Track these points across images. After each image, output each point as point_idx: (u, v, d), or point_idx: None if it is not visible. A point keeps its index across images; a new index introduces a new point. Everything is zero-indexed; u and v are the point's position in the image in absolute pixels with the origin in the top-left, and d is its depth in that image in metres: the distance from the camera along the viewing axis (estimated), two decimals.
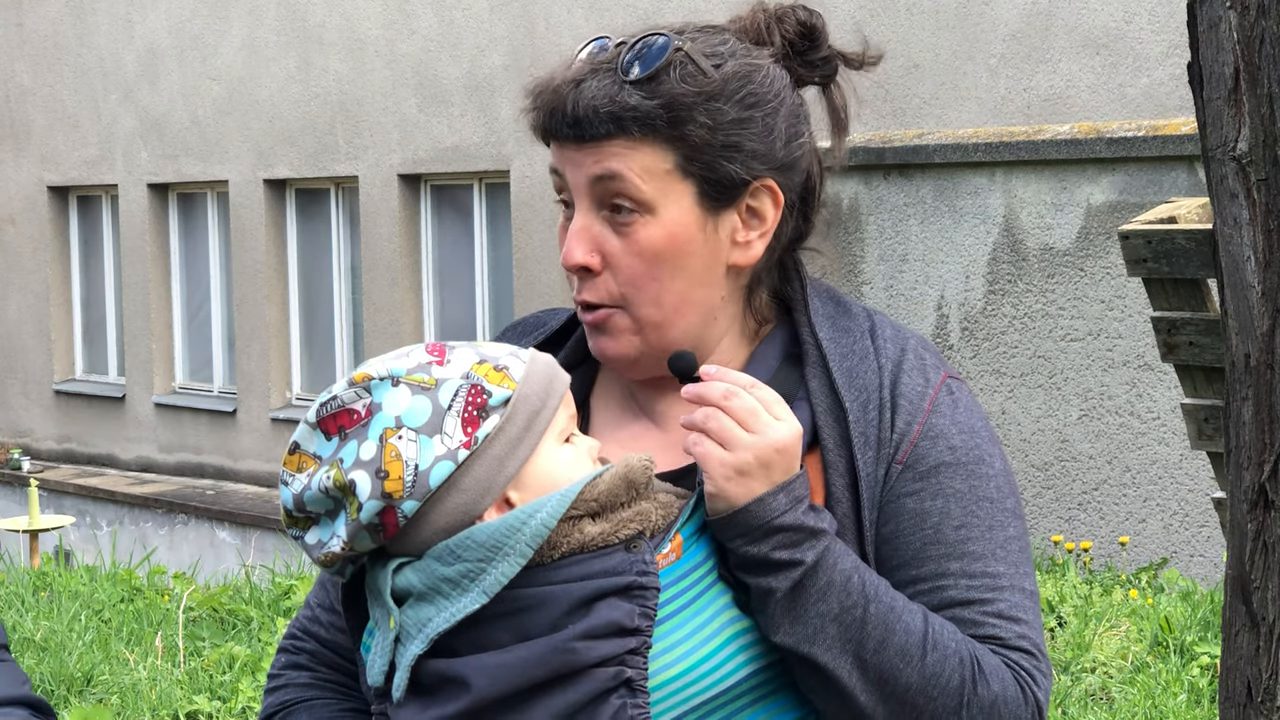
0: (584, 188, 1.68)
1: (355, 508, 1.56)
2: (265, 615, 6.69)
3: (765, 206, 1.71)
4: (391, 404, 1.58)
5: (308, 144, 12.60)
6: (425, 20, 11.75)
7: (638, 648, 1.54)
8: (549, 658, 1.53)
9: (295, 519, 1.60)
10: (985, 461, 1.71)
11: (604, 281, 1.69)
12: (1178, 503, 7.75)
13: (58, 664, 5.86)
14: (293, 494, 1.59)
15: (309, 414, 1.60)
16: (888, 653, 1.59)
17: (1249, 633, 1.71)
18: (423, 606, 1.58)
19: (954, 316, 8.39)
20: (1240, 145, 1.64)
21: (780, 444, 1.59)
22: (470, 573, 1.56)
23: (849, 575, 1.60)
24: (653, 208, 1.66)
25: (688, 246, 1.68)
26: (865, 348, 1.73)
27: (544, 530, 1.55)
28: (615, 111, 1.65)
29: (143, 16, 13.72)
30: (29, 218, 14.93)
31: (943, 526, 1.67)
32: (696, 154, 1.66)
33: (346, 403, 1.59)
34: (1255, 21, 1.62)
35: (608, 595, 1.54)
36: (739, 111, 1.68)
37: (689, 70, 1.66)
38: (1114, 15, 8.36)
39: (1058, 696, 5.22)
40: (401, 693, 1.58)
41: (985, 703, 1.61)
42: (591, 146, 1.66)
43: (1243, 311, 1.68)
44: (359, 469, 1.56)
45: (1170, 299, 3.77)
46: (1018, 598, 1.68)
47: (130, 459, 14.17)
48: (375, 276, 12.21)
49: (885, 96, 9.27)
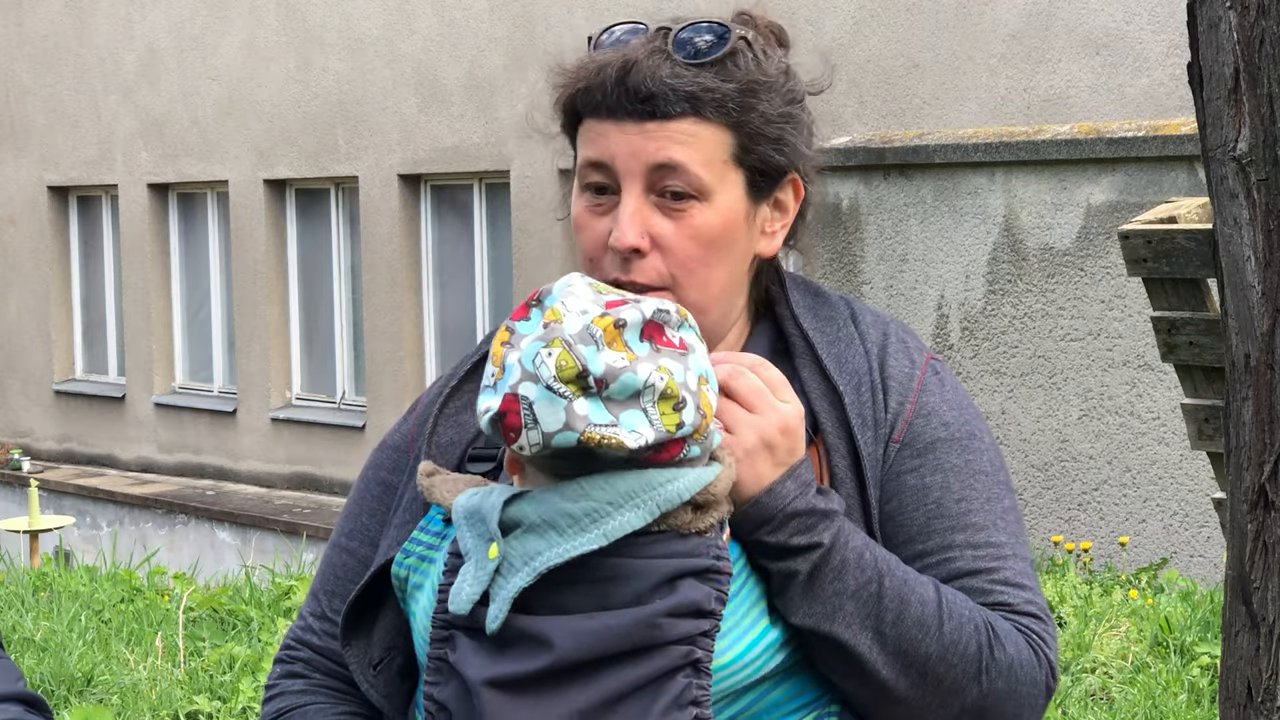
0: (639, 172, 1.68)
1: (673, 422, 1.54)
2: (265, 615, 6.69)
3: (789, 199, 1.76)
4: (700, 355, 1.59)
5: (308, 144, 12.60)
6: (425, 20, 11.75)
7: (709, 630, 1.56)
8: (634, 630, 1.54)
9: (578, 383, 1.53)
10: (976, 436, 1.75)
11: (653, 263, 1.70)
12: (1178, 503, 7.75)
13: (58, 664, 5.86)
14: (607, 365, 1.52)
15: (645, 306, 1.56)
16: (905, 624, 1.61)
17: (1249, 633, 1.71)
18: (532, 539, 1.56)
19: (954, 316, 8.39)
20: (1240, 145, 1.64)
21: (784, 424, 1.62)
22: (594, 512, 1.55)
23: (861, 552, 1.62)
24: (710, 194, 1.69)
25: (735, 234, 1.71)
26: (850, 334, 1.76)
27: (678, 498, 1.56)
28: (695, 91, 1.66)
29: (143, 16, 13.72)
30: (29, 218, 14.93)
31: (944, 500, 1.70)
32: (752, 143, 1.69)
33: (670, 324, 1.57)
34: (1255, 21, 1.62)
35: (688, 575, 1.56)
36: (785, 105, 1.72)
37: (752, 58, 1.69)
38: (1114, 15, 8.36)
39: (1058, 697, 5.22)
40: (499, 624, 1.56)
41: (1003, 666, 1.64)
42: (657, 125, 1.67)
43: (1243, 311, 1.68)
44: (687, 392, 1.55)
45: (1170, 299, 3.77)
46: (1021, 565, 1.71)
47: (130, 459, 14.17)
48: (375, 276, 12.20)
49: (885, 96, 9.27)
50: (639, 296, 1.59)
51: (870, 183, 8.62)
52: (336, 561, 1.84)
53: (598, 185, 1.71)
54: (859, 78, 9.31)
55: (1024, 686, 1.65)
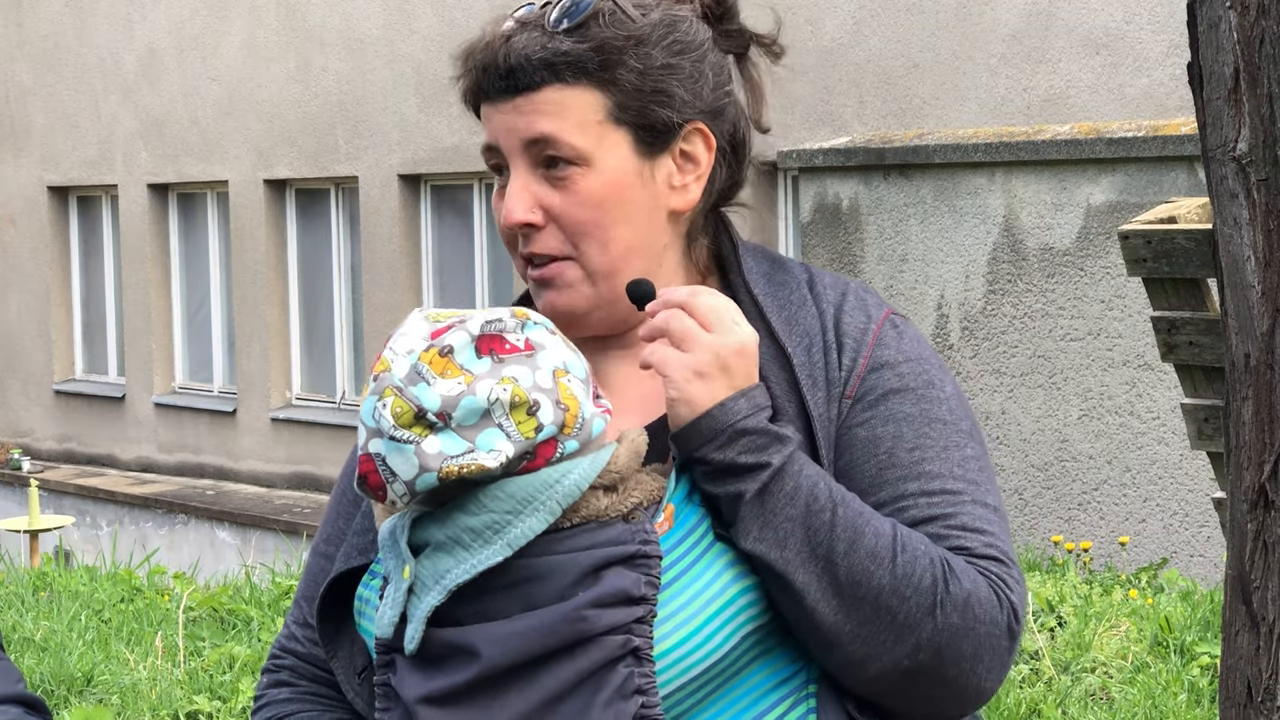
0: (518, 149, 1.69)
1: (531, 427, 1.53)
2: (265, 615, 6.69)
3: (698, 150, 1.73)
4: (554, 350, 1.58)
5: (308, 144, 12.60)
6: (425, 20, 11.75)
7: (644, 616, 1.54)
8: (559, 626, 1.53)
9: (419, 424, 1.53)
10: (935, 385, 1.71)
11: (550, 234, 1.70)
12: (1178, 503, 7.75)
13: (58, 664, 5.86)
14: (441, 395, 1.52)
15: (471, 325, 1.56)
16: (858, 555, 1.58)
17: (1249, 633, 1.71)
18: (441, 557, 1.56)
19: (954, 316, 8.39)
20: (1240, 145, 1.64)
21: (740, 346, 1.60)
22: (495, 524, 1.54)
23: (815, 481, 1.60)
24: (590, 159, 1.68)
25: (628, 193, 1.69)
26: (803, 296, 1.75)
27: (576, 491, 1.55)
28: (547, 58, 1.66)
29: (143, 16, 13.72)
30: (29, 218, 14.93)
31: (896, 450, 1.67)
32: (628, 100, 1.68)
33: (508, 330, 1.57)
34: (1255, 21, 1.62)
35: (614, 564, 1.54)
36: (666, 57, 1.70)
37: (617, 17, 1.68)
38: (1114, 15, 8.36)
39: (1058, 696, 5.22)
40: (415, 645, 1.56)
41: (959, 600, 1.59)
42: (524, 98, 1.67)
43: (1243, 311, 1.68)
44: (539, 393, 1.54)
45: (1170, 299, 3.77)
46: (980, 510, 1.67)
47: (130, 459, 14.17)
48: (375, 276, 12.21)
49: (885, 96, 9.27)
50: (466, 315, 1.58)
51: (870, 183, 8.62)
52: (315, 568, 1.83)
53: (497, 167, 1.73)
54: (859, 78, 9.31)
55: (982, 625, 1.60)
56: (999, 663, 1.63)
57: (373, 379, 1.56)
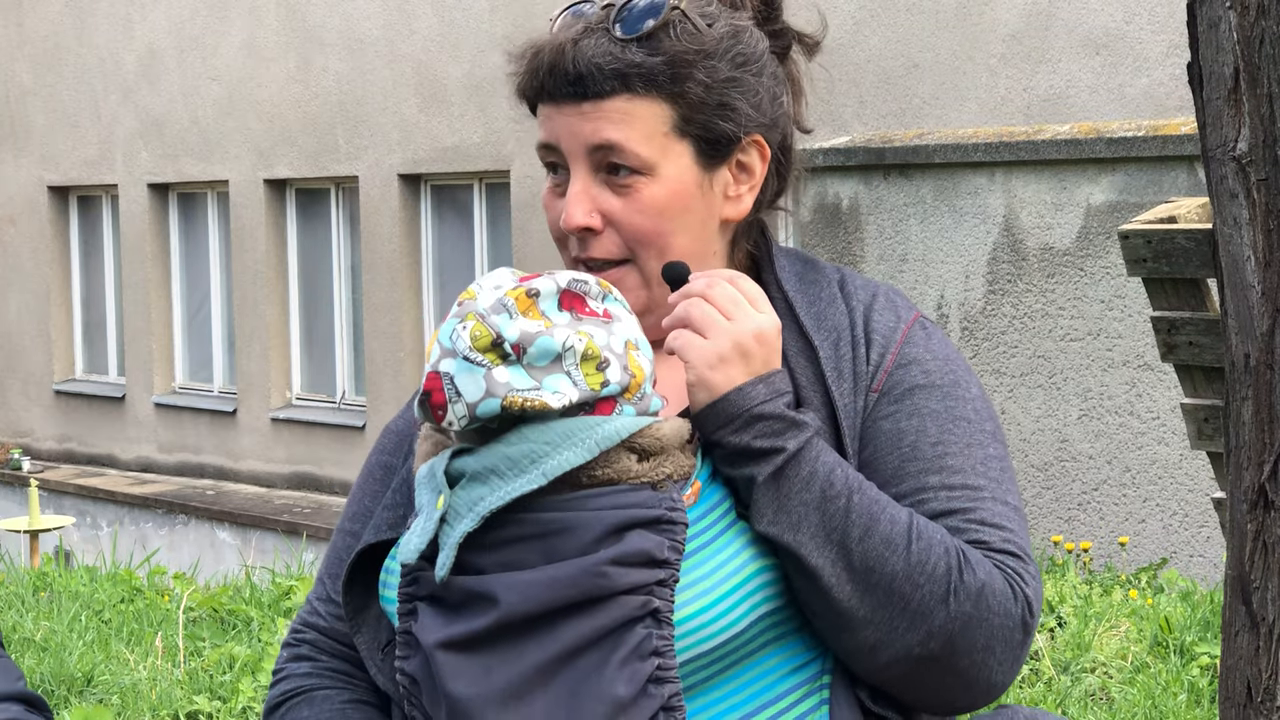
0: (581, 153, 1.70)
1: (598, 381, 1.57)
2: (265, 615, 6.69)
3: (754, 161, 1.75)
4: (629, 324, 1.62)
5: (308, 144, 12.60)
6: (425, 20, 11.75)
7: (666, 579, 1.56)
8: (580, 579, 1.54)
9: (494, 351, 1.56)
10: (961, 385, 1.73)
11: (608, 239, 1.72)
12: (1178, 503, 7.75)
13: (58, 664, 5.86)
14: (521, 330, 1.56)
15: (560, 277, 1.60)
16: (873, 540, 1.60)
17: (1249, 633, 1.71)
18: (475, 486, 1.58)
19: (954, 316, 8.39)
20: (1240, 145, 1.64)
21: (759, 332, 1.62)
22: (533, 454, 1.56)
23: (832, 468, 1.62)
24: (653, 169, 1.70)
25: (688, 202, 1.72)
26: (833, 295, 1.77)
27: (616, 436, 1.57)
28: (620, 68, 1.67)
29: (143, 16, 13.72)
30: (29, 218, 14.93)
31: (919, 444, 1.69)
32: (693, 112, 1.70)
33: (591, 295, 1.61)
34: (1255, 21, 1.62)
35: (638, 525, 1.56)
36: (731, 70, 1.71)
37: (686, 28, 1.69)
38: (1114, 15, 8.36)
39: (1058, 697, 5.22)
40: (446, 571, 1.57)
41: (972, 590, 1.61)
42: (591, 105, 1.68)
43: (1243, 311, 1.68)
44: (610, 353, 1.58)
45: (1170, 299, 3.77)
46: (999, 508, 1.68)
47: (130, 459, 14.17)
48: (375, 276, 12.20)
49: (885, 96, 9.27)
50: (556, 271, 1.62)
51: (870, 183, 8.62)
52: (340, 545, 1.85)
53: (554, 165, 1.74)
54: (859, 78, 9.31)
55: (995, 616, 1.62)
56: (1011, 656, 1.65)
57: (457, 304, 1.60)
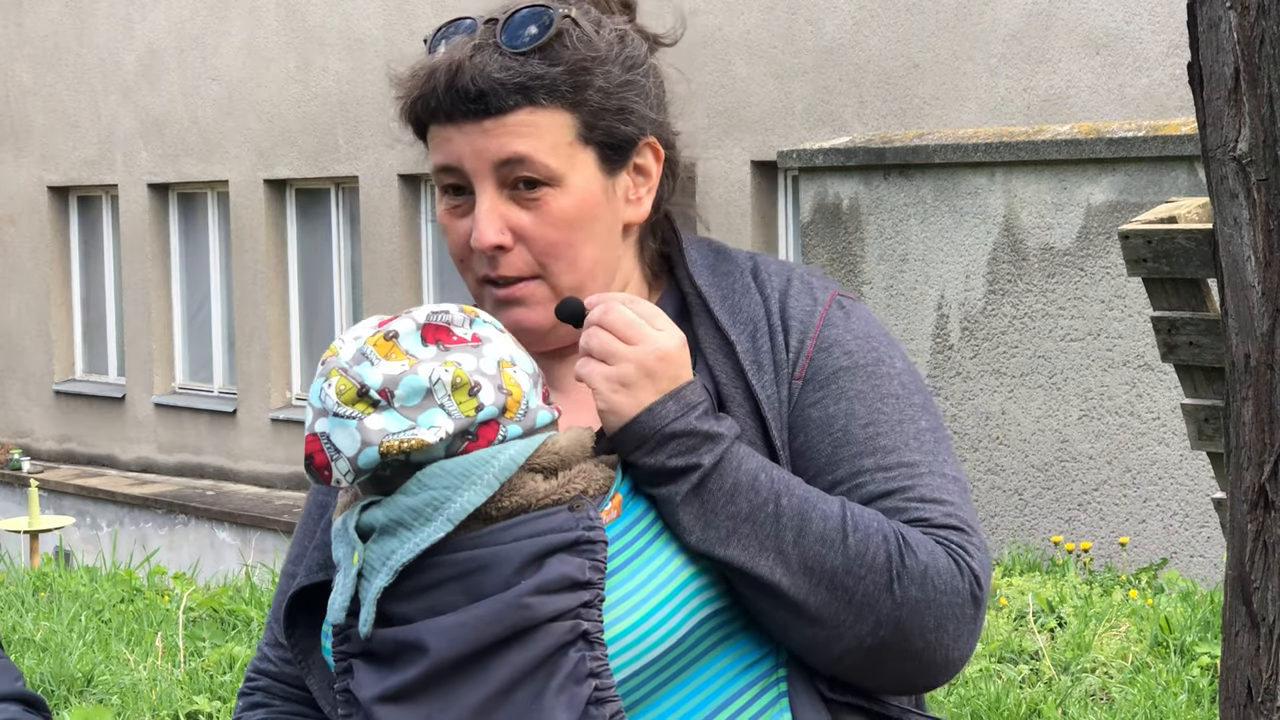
0: (487, 170, 1.69)
1: (473, 407, 1.56)
2: (265, 616, 6.69)
3: (649, 163, 1.75)
4: (500, 344, 1.62)
5: (308, 144, 12.60)
6: (425, 20, 11.75)
7: (591, 600, 1.55)
8: (504, 614, 1.54)
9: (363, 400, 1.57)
10: (885, 362, 1.72)
11: (518, 255, 1.71)
12: (1178, 503, 7.75)
13: (58, 664, 5.86)
14: (383, 374, 1.56)
15: (417, 314, 1.61)
16: (808, 541, 1.59)
17: (1249, 633, 1.71)
18: (386, 540, 1.58)
19: (954, 316, 8.39)
20: (1240, 145, 1.64)
21: (661, 351, 1.62)
22: (434, 501, 1.56)
23: (755, 474, 1.61)
24: (561, 179, 1.68)
25: (596, 211, 1.71)
26: (746, 284, 1.76)
27: (512, 465, 1.57)
28: (522, 81, 1.66)
29: (143, 16, 13.72)
30: (29, 218, 14.93)
31: (850, 427, 1.68)
32: (595, 119, 1.69)
33: (455, 323, 1.61)
34: (1255, 21, 1.62)
35: (557, 551, 1.55)
36: (624, 74, 1.71)
37: (580, 35, 1.69)
38: (1114, 15, 8.36)
39: (1058, 697, 5.22)
40: (368, 628, 1.57)
41: (915, 574, 1.60)
42: (494, 121, 1.67)
43: (1243, 311, 1.68)
44: (482, 376, 1.58)
45: (1170, 299, 3.77)
46: (938, 480, 1.67)
47: (130, 459, 14.17)
48: (375, 276, 12.21)
49: (885, 96, 9.27)
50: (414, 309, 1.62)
51: (870, 183, 8.62)
52: (284, 588, 1.83)
53: (453, 187, 1.73)
54: (859, 78, 9.31)
55: (943, 595, 1.60)
56: (965, 631, 1.64)
57: (320, 363, 1.61)
